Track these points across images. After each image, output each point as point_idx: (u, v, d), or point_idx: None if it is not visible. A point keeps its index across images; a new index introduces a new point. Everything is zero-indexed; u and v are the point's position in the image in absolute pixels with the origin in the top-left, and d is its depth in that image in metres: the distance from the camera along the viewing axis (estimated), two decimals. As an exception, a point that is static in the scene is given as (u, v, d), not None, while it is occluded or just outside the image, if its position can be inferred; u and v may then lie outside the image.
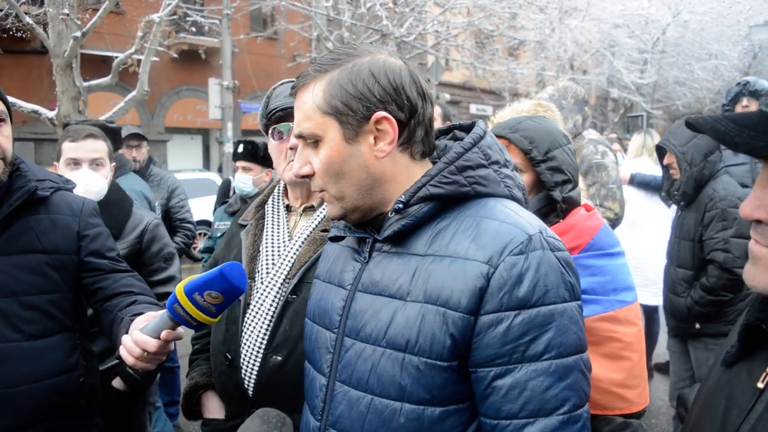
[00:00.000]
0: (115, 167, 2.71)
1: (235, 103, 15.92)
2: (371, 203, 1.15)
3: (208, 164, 19.35)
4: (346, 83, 1.09)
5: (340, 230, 1.23)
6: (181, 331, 1.32)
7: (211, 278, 1.19)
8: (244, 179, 3.94)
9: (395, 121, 1.10)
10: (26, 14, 6.17)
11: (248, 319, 1.64)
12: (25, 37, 9.37)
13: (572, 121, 3.47)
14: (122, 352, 1.35)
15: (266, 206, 1.82)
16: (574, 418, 1.00)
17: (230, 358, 1.65)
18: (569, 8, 17.79)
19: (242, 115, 18.36)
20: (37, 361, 1.67)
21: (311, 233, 1.67)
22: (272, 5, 14.58)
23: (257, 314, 1.63)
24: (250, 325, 1.63)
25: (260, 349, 1.60)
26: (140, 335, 1.32)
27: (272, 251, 1.70)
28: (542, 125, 1.82)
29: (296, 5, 12.41)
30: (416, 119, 1.12)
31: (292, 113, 1.68)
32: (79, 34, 5.82)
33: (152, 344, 1.30)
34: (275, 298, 1.62)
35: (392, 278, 1.10)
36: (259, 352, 1.61)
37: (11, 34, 8.42)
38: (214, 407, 1.80)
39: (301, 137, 1.15)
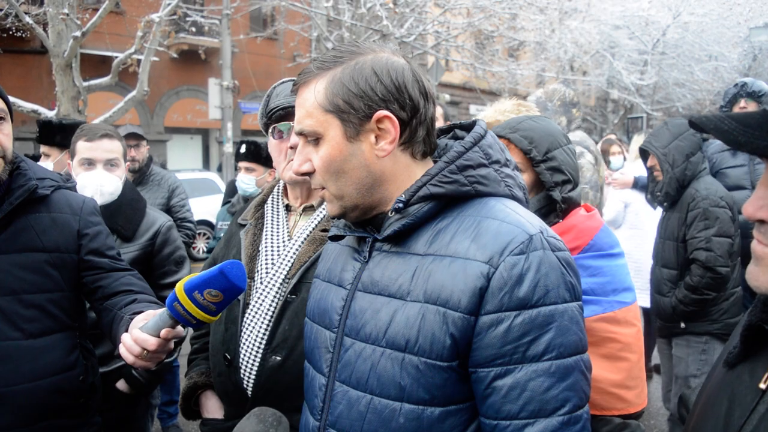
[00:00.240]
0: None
1: (234, 103, 15.91)
2: (371, 202, 1.15)
3: (207, 164, 19.34)
4: (348, 81, 1.08)
5: (340, 229, 1.23)
6: (180, 329, 1.31)
7: (211, 277, 1.19)
8: (247, 180, 3.92)
9: (397, 120, 1.09)
10: (26, 14, 6.17)
11: (247, 318, 1.64)
12: (24, 36, 9.37)
13: (556, 122, 3.48)
14: (122, 350, 1.35)
15: (266, 206, 1.81)
16: (574, 418, 0.99)
17: (229, 358, 1.64)
18: (569, 9, 17.80)
19: (242, 115, 18.36)
20: (36, 359, 1.66)
21: (311, 233, 1.67)
22: (272, 5, 14.60)
23: (256, 314, 1.62)
24: (249, 325, 1.63)
25: (259, 349, 1.60)
26: (140, 333, 1.31)
27: (272, 251, 1.69)
28: (542, 125, 1.82)
29: (296, 5, 12.41)
30: (418, 118, 1.12)
31: (292, 112, 1.67)
32: (78, 33, 5.81)
33: (152, 342, 1.30)
34: (275, 297, 1.62)
35: (392, 278, 1.10)
36: (258, 352, 1.60)
37: (11, 33, 8.42)
38: (212, 407, 1.80)
39: (301, 134, 1.14)
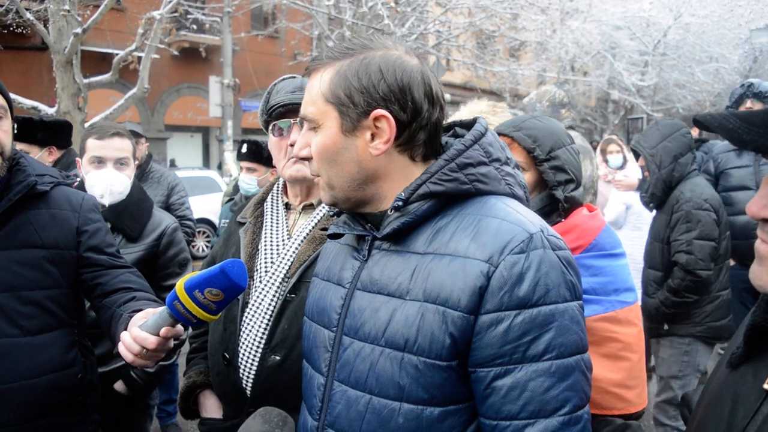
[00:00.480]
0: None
1: (235, 101, 15.92)
2: (363, 197, 1.15)
3: (207, 162, 19.34)
4: (352, 75, 1.08)
5: (339, 227, 1.22)
6: (180, 328, 1.30)
7: (212, 275, 1.18)
8: (248, 180, 3.90)
9: (395, 121, 1.08)
10: (27, 10, 6.17)
11: (247, 318, 1.63)
12: (25, 33, 9.35)
13: None
14: (121, 348, 1.33)
15: (265, 204, 1.81)
16: (574, 419, 0.99)
17: (228, 357, 1.64)
18: (570, 10, 17.79)
19: (242, 113, 18.37)
20: (35, 356, 1.66)
21: (310, 232, 1.66)
22: (273, 3, 14.59)
23: (256, 313, 1.62)
24: (248, 324, 1.62)
25: (259, 348, 1.59)
26: (139, 332, 1.30)
27: (271, 249, 1.68)
28: (546, 124, 1.81)
29: (297, 4, 12.40)
30: (419, 122, 1.10)
31: (292, 109, 1.67)
32: (79, 30, 5.80)
33: (151, 341, 1.29)
34: (274, 297, 1.61)
35: (391, 276, 1.09)
36: (257, 351, 1.59)
37: (11, 30, 8.40)
38: (211, 407, 1.79)
39: (304, 119, 1.15)
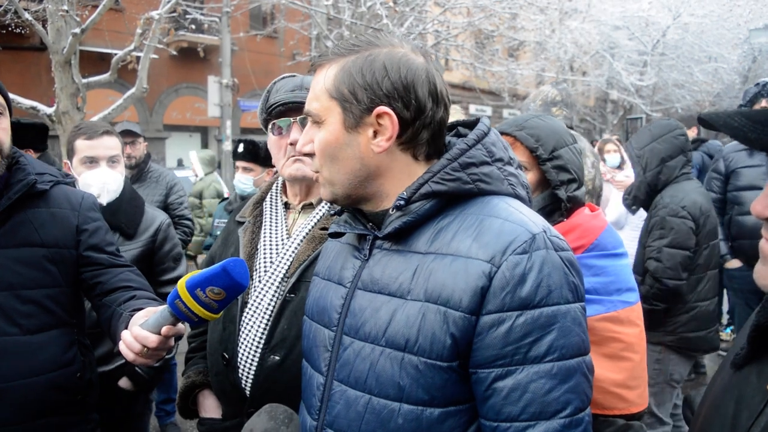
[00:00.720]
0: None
1: (234, 101, 15.88)
2: (363, 194, 1.14)
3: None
4: (356, 71, 1.08)
5: (340, 226, 1.21)
6: (181, 326, 1.30)
7: (213, 274, 1.18)
8: (244, 180, 3.89)
9: (398, 118, 1.08)
10: (25, 10, 6.14)
11: (246, 317, 1.62)
12: (23, 33, 9.34)
13: None
14: (121, 347, 1.33)
15: (264, 203, 1.80)
16: (575, 421, 0.98)
17: (227, 357, 1.63)
18: (569, 9, 17.78)
19: (241, 113, 18.34)
20: (34, 355, 1.66)
21: (310, 231, 1.65)
22: (272, 3, 14.56)
23: (255, 313, 1.61)
24: (247, 324, 1.62)
25: (258, 348, 1.59)
26: (140, 331, 1.30)
27: (270, 249, 1.68)
28: (549, 124, 1.82)
29: (296, 3, 12.38)
30: (422, 120, 1.10)
31: (292, 108, 1.67)
32: (78, 30, 5.79)
33: (152, 340, 1.28)
34: (273, 296, 1.60)
35: (392, 276, 1.09)
36: (256, 351, 1.59)
37: (10, 30, 8.38)
38: (210, 406, 1.78)
39: (308, 115, 1.15)
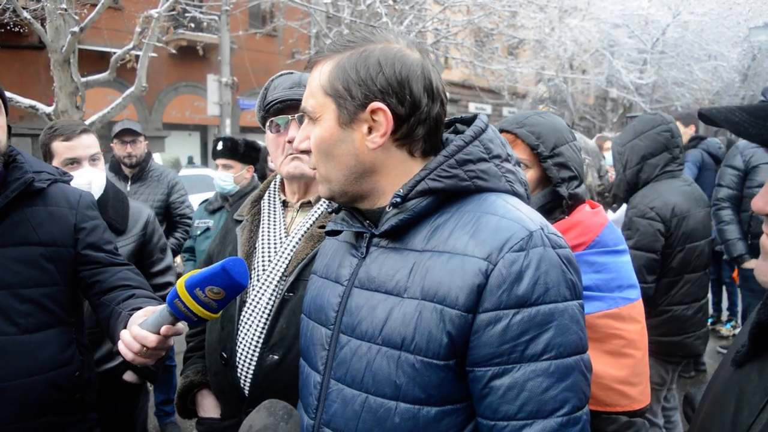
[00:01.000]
0: None
1: (233, 99, 15.88)
2: (360, 191, 1.14)
3: (206, 161, 19.30)
4: (351, 67, 1.07)
5: (337, 224, 1.21)
6: (180, 326, 1.30)
7: (212, 273, 1.18)
8: (224, 177, 3.88)
9: (393, 114, 1.07)
10: (24, 9, 6.13)
11: (244, 317, 1.62)
12: (22, 32, 9.33)
13: None
14: (120, 347, 1.33)
15: (262, 201, 1.80)
16: (573, 420, 0.98)
17: (226, 356, 1.63)
18: (569, 7, 17.77)
19: (240, 111, 18.34)
20: (32, 355, 1.65)
21: (308, 229, 1.65)
22: (271, 2, 14.55)
23: (253, 312, 1.61)
24: (246, 323, 1.61)
25: (256, 347, 1.58)
26: (139, 330, 1.30)
27: (269, 248, 1.67)
28: (549, 121, 1.82)
29: (295, 2, 12.35)
30: (418, 117, 1.09)
31: (290, 105, 1.66)
32: (77, 29, 5.77)
33: (152, 339, 1.28)
34: (272, 295, 1.60)
35: (389, 274, 1.08)
36: (255, 350, 1.58)
37: (9, 29, 8.36)
38: (209, 406, 1.78)
39: (304, 112, 1.15)
